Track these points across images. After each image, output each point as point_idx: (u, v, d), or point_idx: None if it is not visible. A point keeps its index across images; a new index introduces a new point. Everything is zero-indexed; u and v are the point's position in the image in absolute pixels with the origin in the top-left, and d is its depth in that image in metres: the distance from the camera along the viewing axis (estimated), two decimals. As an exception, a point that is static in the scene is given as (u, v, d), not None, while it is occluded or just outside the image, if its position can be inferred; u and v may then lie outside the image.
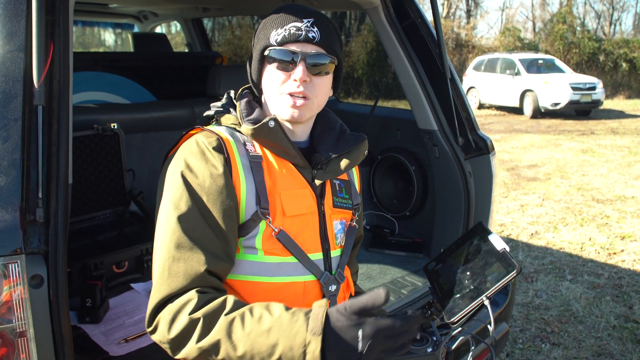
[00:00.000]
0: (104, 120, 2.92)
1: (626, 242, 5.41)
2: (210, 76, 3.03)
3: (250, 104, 1.51)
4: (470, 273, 1.50)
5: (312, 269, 1.46)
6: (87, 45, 14.91)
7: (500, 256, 1.44)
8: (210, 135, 1.41)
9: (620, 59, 24.18)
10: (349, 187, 1.64)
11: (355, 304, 1.16)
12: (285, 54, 1.40)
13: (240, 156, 1.40)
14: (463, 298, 1.43)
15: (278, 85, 1.42)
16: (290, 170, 1.47)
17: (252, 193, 1.39)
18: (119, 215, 3.02)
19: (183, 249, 1.29)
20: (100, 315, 2.41)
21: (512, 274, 1.36)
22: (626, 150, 10.37)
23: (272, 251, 1.41)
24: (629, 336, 3.58)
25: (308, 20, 1.41)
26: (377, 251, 3.22)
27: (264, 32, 1.45)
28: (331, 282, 1.51)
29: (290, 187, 1.45)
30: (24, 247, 1.40)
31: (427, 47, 2.75)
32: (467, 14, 32.49)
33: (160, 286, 1.28)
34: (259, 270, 1.40)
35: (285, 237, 1.41)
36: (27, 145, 1.45)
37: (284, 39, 1.40)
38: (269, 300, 1.36)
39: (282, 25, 1.41)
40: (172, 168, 1.38)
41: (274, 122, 1.41)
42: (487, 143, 2.82)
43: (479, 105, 18.13)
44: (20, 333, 1.39)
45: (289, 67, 1.40)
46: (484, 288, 1.40)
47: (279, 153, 1.46)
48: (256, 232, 1.39)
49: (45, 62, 1.49)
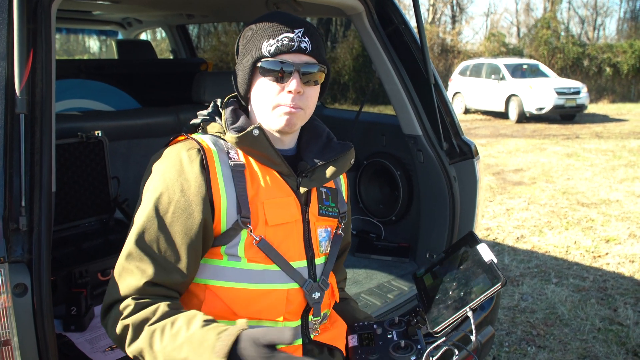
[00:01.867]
0: (88, 128, 2.91)
1: (611, 245, 5.46)
2: (195, 83, 3.03)
3: (235, 113, 1.50)
4: (456, 283, 1.51)
5: (294, 277, 1.47)
6: (71, 53, 14.84)
7: (487, 267, 1.45)
8: (191, 145, 1.41)
9: (604, 63, 24.46)
10: (336, 195, 1.64)
11: (266, 336, 1.15)
12: (279, 65, 1.39)
13: (221, 166, 1.40)
14: (447, 308, 1.44)
15: (272, 97, 1.42)
16: (275, 178, 1.47)
17: (233, 202, 1.39)
18: (103, 223, 3.00)
19: (132, 260, 1.34)
20: (86, 323, 2.39)
21: (496, 286, 1.37)
22: (610, 154, 10.47)
23: (255, 259, 1.41)
24: (613, 339, 3.61)
25: (299, 30, 1.41)
26: (364, 256, 3.23)
27: (253, 43, 1.43)
28: (315, 289, 1.51)
29: (274, 196, 1.45)
30: (7, 255, 1.39)
31: (411, 53, 2.76)
32: (453, 20, 32.75)
33: (109, 290, 1.37)
34: (241, 277, 1.41)
35: (266, 246, 1.42)
36: (10, 154, 1.44)
37: (277, 50, 1.39)
38: (248, 305, 1.38)
39: (274, 35, 1.40)
40: (149, 175, 1.42)
41: (258, 130, 1.40)
42: (471, 148, 2.84)
43: (465, 110, 18.24)
44: (4, 342, 1.38)
45: (281, 78, 1.40)
46: (468, 299, 1.40)
47: (263, 161, 1.46)
48: (238, 240, 1.40)
49: (26, 70, 1.49)
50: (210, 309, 1.41)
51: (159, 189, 1.37)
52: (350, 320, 1.72)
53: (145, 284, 1.32)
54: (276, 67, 1.40)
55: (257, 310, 1.43)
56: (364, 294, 2.73)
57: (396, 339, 1.50)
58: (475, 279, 1.45)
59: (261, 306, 1.43)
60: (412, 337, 1.51)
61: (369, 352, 1.52)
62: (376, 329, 1.57)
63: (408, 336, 1.51)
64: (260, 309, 1.43)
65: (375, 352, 1.51)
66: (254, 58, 1.42)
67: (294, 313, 1.50)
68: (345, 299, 1.85)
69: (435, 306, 1.50)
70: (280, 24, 1.41)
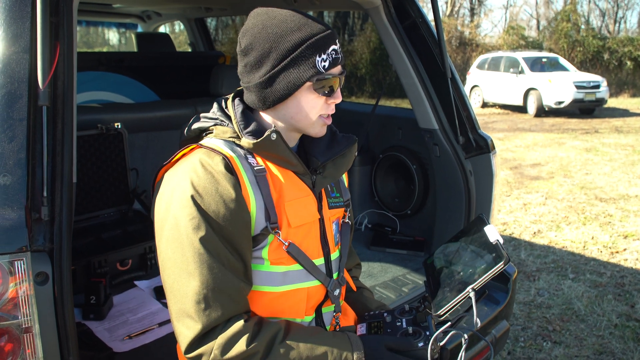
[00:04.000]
0: (107, 120, 2.95)
1: (629, 241, 5.41)
2: (213, 75, 3.05)
3: (246, 115, 1.44)
4: (462, 266, 1.51)
5: (318, 275, 1.47)
6: (91, 45, 14.93)
7: (491, 247, 1.44)
8: (213, 154, 1.34)
9: (624, 57, 24.08)
10: (338, 185, 1.65)
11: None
12: (331, 82, 1.39)
13: (246, 172, 1.36)
14: (451, 291, 1.44)
15: (317, 109, 1.40)
16: (292, 178, 1.46)
17: (262, 208, 1.36)
18: (122, 214, 3.04)
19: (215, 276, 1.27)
20: (105, 312, 2.44)
21: (499, 264, 1.36)
22: (630, 148, 10.35)
23: (278, 261, 1.41)
24: (630, 335, 3.59)
25: (336, 40, 1.39)
26: (379, 249, 3.24)
27: (303, 57, 1.34)
28: (335, 286, 1.53)
29: (295, 197, 1.44)
30: (30, 244, 1.42)
31: (428, 47, 2.76)
32: (471, 12, 32.42)
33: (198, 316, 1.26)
34: (264, 280, 1.40)
35: (295, 249, 1.41)
36: (32, 145, 1.47)
37: (330, 65, 1.37)
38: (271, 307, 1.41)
39: (324, 49, 1.35)
40: (179, 191, 1.30)
41: (276, 134, 1.37)
42: (487, 142, 2.84)
43: (483, 103, 18.09)
44: (25, 329, 1.41)
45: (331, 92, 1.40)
46: (471, 280, 1.40)
47: (280, 163, 1.43)
48: (264, 244, 1.38)
49: (51, 63, 1.51)
50: None
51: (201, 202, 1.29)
52: (363, 309, 1.72)
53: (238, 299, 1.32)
54: (330, 84, 1.38)
55: (279, 311, 1.43)
56: (379, 287, 2.75)
57: (405, 326, 1.49)
58: (479, 260, 1.45)
59: (284, 307, 1.43)
60: (421, 323, 1.50)
61: None
62: (386, 317, 1.57)
63: (417, 323, 1.50)
64: (282, 309, 1.43)
65: None
66: (310, 74, 1.34)
67: (312, 308, 1.51)
68: (360, 288, 1.86)
69: (441, 290, 1.49)
70: (327, 35, 1.36)
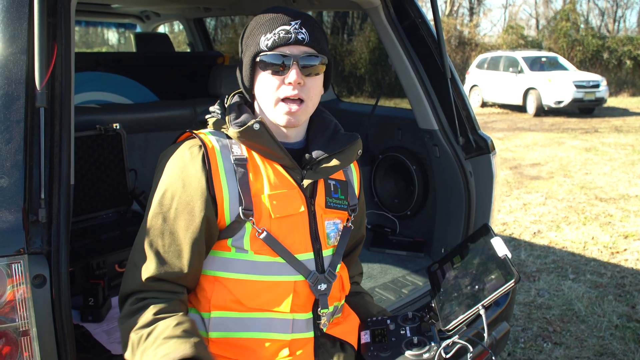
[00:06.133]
0: (106, 121, 2.93)
1: (629, 241, 5.41)
2: (212, 76, 3.04)
3: (239, 108, 1.53)
4: (469, 279, 1.49)
5: (299, 269, 1.48)
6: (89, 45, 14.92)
7: (500, 263, 1.42)
8: (194, 142, 1.46)
9: (624, 56, 24.09)
10: (346, 188, 1.65)
11: None
12: (277, 58, 1.41)
13: (223, 161, 1.43)
14: (460, 305, 1.42)
15: (273, 90, 1.44)
16: (278, 171, 1.48)
17: (235, 195, 1.42)
18: (121, 215, 3.03)
19: (138, 255, 1.42)
20: (103, 314, 2.42)
21: (510, 282, 1.34)
22: (630, 148, 10.34)
23: (261, 251, 1.44)
24: (631, 336, 3.58)
25: (296, 22, 1.42)
26: (378, 250, 3.23)
27: (252, 39, 1.46)
28: (320, 281, 1.52)
29: (277, 188, 1.46)
30: (27, 247, 1.41)
31: (428, 47, 2.75)
32: (470, 12, 32.41)
33: (122, 283, 1.46)
34: (248, 269, 1.44)
35: (270, 239, 1.44)
36: (30, 147, 1.46)
37: (274, 44, 1.41)
38: (256, 296, 1.43)
39: (271, 29, 1.42)
40: (157, 173, 1.47)
41: (259, 124, 1.43)
42: (487, 142, 2.83)
43: (482, 103, 18.09)
44: (23, 332, 1.41)
45: (281, 71, 1.42)
46: (481, 296, 1.38)
47: (266, 155, 1.48)
48: (243, 233, 1.42)
49: (48, 64, 1.50)
50: (219, 300, 1.44)
51: (164, 186, 1.42)
52: (364, 314, 1.72)
53: (147, 279, 1.39)
54: (274, 60, 1.42)
55: (264, 302, 1.45)
56: (379, 289, 2.74)
57: (409, 335, 1.49)
58: (488, 275, 1.42)
59: (268, 298, 1.45)
60: (425, 333, 1.49)
61: (381, 349, 1.51)
62: (389, 324, 1.57)
63: (421, 332, 1.49)
64: (267, 300, 1.45)
65: (387, 348, 1.50)
66: (253, 53, 1.45)
67: (303, 306, 1.51)
68: (360, 293, 1.85)
69: (448, 302, 1.48)
70: (276, 17, 1.43)
